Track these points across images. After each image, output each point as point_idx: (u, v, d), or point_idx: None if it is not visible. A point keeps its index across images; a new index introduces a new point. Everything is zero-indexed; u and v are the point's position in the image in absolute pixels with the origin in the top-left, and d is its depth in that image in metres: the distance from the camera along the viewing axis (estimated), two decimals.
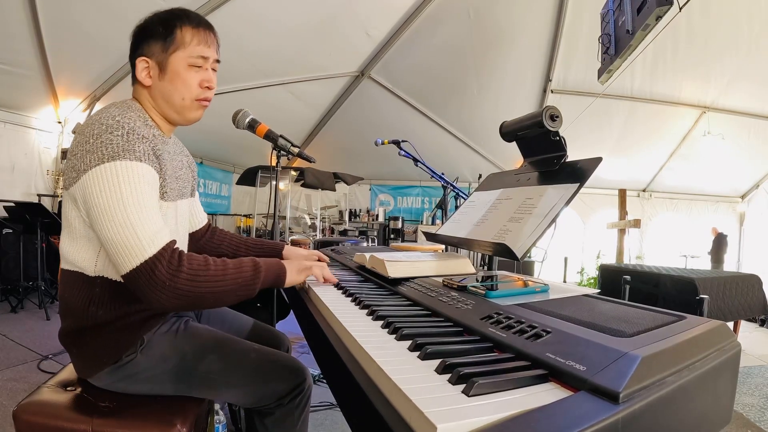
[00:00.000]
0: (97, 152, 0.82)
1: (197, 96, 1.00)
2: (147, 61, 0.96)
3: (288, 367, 1.06)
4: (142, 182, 0.83)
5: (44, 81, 4.63)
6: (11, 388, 2.22)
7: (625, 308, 0.70)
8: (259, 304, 2.01)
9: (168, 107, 1.00)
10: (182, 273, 0.81)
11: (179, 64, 0.96)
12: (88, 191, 0.82)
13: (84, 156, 0.83)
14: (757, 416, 2.32)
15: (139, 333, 0.95)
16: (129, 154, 0.83)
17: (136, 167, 0.84)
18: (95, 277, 0.91)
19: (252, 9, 4.60)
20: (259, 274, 0.93)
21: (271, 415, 1.05)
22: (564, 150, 0.92)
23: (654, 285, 2.91)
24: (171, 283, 0.80)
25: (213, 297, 0.86)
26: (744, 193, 8.28)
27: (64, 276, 0.94)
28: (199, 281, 0.83)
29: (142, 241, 0.79)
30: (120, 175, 0.81)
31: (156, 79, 0.97)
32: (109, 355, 0.93)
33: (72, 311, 0.94)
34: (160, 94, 0.98)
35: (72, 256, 0.92)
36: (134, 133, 0.86)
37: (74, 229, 0.90)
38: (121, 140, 0.84)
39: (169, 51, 0.96)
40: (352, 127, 7.52)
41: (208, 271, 0.85)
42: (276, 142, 1.61)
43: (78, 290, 0.92)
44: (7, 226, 4.29)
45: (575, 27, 5.34)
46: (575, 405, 0.41)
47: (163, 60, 0.96)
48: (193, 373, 0.98)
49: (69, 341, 0.96)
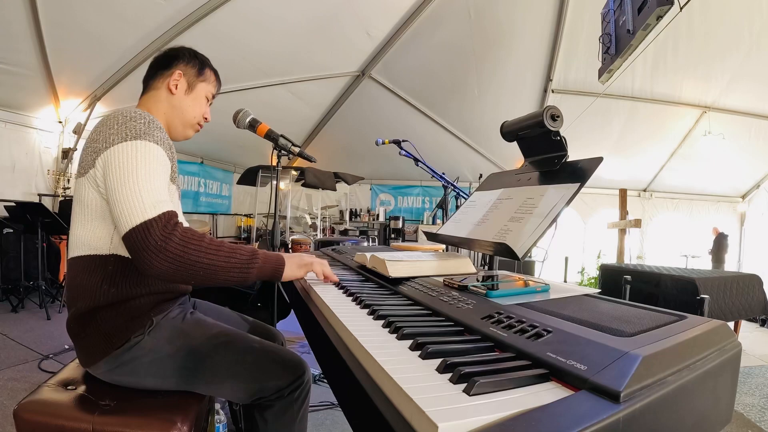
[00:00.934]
0: (121, 134, 0.93)
1: (199, 121, 1.23)
2: (181, 75, 1.16)
3: (288, 360, 1.09)
4: (156, 161, 0.93)
5: (45, 81, 4.63)
6: (12, 387, 2.22)
7: (625, 308, 0.70)
8: (260, 303, 2.02)
9: (179, 118, 1.18)
10: (174, 237, 0.85)
11: (201, 92, 1.20)
12: (110, 161, 0.91)
13: (108, 137, 0.93)
14: (757, 416, 2.31)
15: (149, 314, 1.00)
16: (149, 137, 0.94)
17: (154, 148, 0.94)
18: (109, 255, 0.97)
19: (253, 8, 4.60)
20: (255, 260, 0.95)
21: (271, 407, 1.06)
22: (565, 150, 0.92)
23: (655, 285, 2.91)
24: (162, 244, 0.83)
25: (204, 270, 0.88)
26: (744, 192, 8.27)
27: (74, 263, 0.99)
28: (190, 248, 0.86)
29: (145, 204, 0.86)
30: (139, 151, 0.91)
31: (182, 93, 1.17)
32: (119, 335, 0.96)
33: (83, 293, 0.97)
34: (179, 105, 1.17)
35: (87, 238, 0.97)
36: (154, 123, 0.98)
37: (90, 210, 0.96)
38: (143, 126, 0.95)
39: (200, 79, 1.20)
40: (353, 126, 7.52)
41: (202, 242, 0.88)
42: (277, 141, 1.61)
43: (91, 272, 0.97)
44: (8, 226, 4.30)
45: (576, 27, 5.33)
46: (576, 404, 0.41)
47: (193, 82, 1.19)
48: (196, 361, 1.00)
49: (78, 325, 0.98)
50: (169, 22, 4.39)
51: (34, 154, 5.02)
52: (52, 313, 3.75)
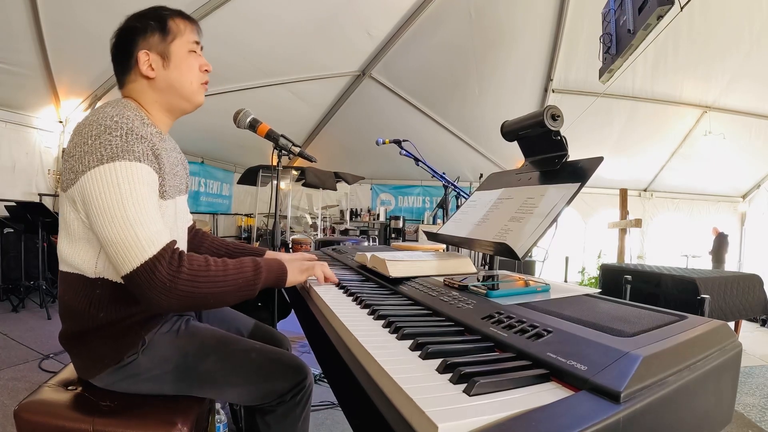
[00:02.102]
0: (96, 153, 0.81)
1: (201, 79, 1.04)
2: (147, 54, 0.97)
3: (289, 365, 1.07)
4: (141, 183, 0.83)
5: (45, 81, 4.63)
6: (12, 387, 2.22)
7: (626, 308, 0.70)
8: (260, 303, 2.01)
9: (176, 95, 1.01)
10: (182, 274, 0.81)
11: (181, 51, 1.00)
12: (87, 192, 0.81)
13: (82, 157, 0.82)
14: (758, 416, 2.31)
15: (140, 334, 0.95)
16: (128, 154, 0.83)
17: (136, 168, 0.83)
18: (96, 279, 0.91)
19: (253, 8, 4.60)
20: (260, 274, 0.93)
21: (273, 412, 1.05)
22: (565, 149, 0.92)
23: (655, 285, 2.91)
24: (171, 284, 0.79)
25: (214, 298, 0.86)
26: (745, 192, 8.27)
27: (63, 278, 0.94)
28: (200, 282, 0.83)
29: (142, 242, 0.79)
30: (119, 176, 0.81)
31: (161, 69, 0.98)
32: (111, 356, 0.93)
33: (72, 313, 0.93)
34: (166, 83, 0.99)
35: (71, 258, 0.91)
36: (133, 134, 0.85)
37: (73, 230, 0.89)
38: (120, 141, 0.83)
39: (168, 41, 0.98)
40: (353, 126, 7.52)
41: (209, 272, 0.85)
42: (277, 141, 1.61)
43: (78, 292, 0.91)
44: (9, 226, 4.30)
45: (576, 26, 5.33)
46: (576, 404, 0.41)
47: (164, 50, 0.98)
48: (195, 372, 0.98)
49: (70, 343, 0.96)
50: None
51: (35, 154, 5.02)
52: (53, 312, 3.75)
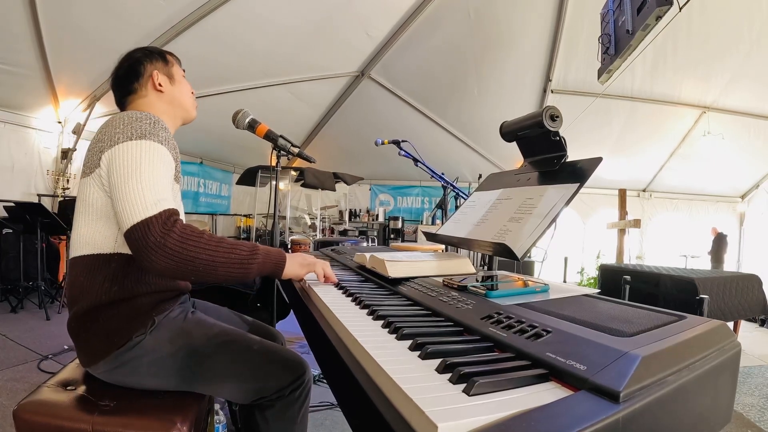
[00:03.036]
0: (126, 133, 0.95)
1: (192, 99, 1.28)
2: (158, 74, 1.18)
3: (288, 360, 1.09)
4: (160, 161, 0.95)
5: (44, 81, 4.62)
6: (11, 388, 2.22)
7: (625, 308, 0.70)
8: (259, 304, 2.01)
9: (180, 108, 1.23)
10: (173, 233, 0.86)
11: (178, 75, 1.25)
12: (114, 158, 0.92)
13: (113, 136, 0.95)
14: (757, 416, 2.32)
15: (150, 314, 1.00)
16: (153, 136, 0.96)
17: (158, 148, 0.96)
18: (112, 254, 0.98)
19: (252, 9, 4.60)
20: (256, 256, 0.95)
21: (272, 407, 1.06)
22: (564, 150, 0.92)
23: (654, 285, 2.91)
24: (161, 240, 0.84)
25: (204, 265, 0.88)
26: (744, 193, 8.28)
27: (77, 263, 0.99)
28: (189, 244, 0.87)
29: (147, 202, 0.87)
30: (143, 150, 0.93)
31: (168, 86, 1.20)
32: (121, 334, 0.96)
33: (85, 292, 0.97)
34: (173, 97, 1.21)
35: (90, 237, 0.98)
36: (159, 123, 1.00)
37: (95, 209, 0.98)
38: (148, 126, 0.97)
39: (169, 66, 1.23)
40: (352, 127, 7.52)
41: (201, 239, 0.89)
42: (276, 142, 1.61)
43: (93, 270, 0.97)
44: (7, 226, 4.29)
45: (575, 27, 5.33)
46: (576, 404, 0.41)
47: (168, 72, 1.22)
48: (196, 360, 1.00)
49: (79, 324, 0.98)
50: (169, 22, 4.39)
51: (34, 155, 5.01)
52: (52, 313, 3.74)
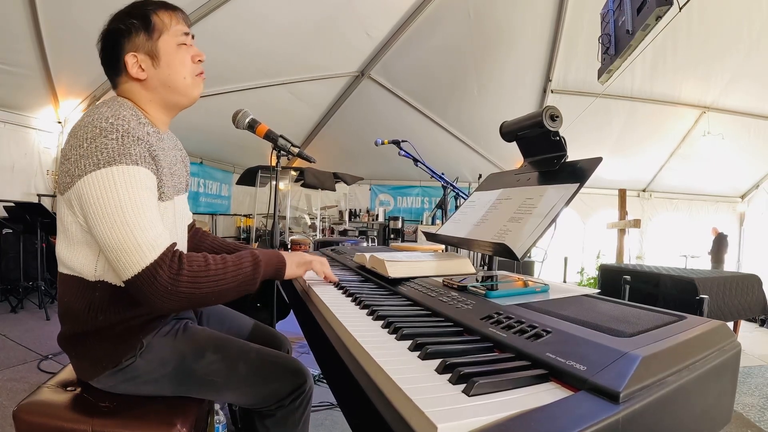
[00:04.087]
0: (92, 157, 0.80)
1: (195, 71, 1.02)
2: (135, 56, 0.94)
3: (289, 368, 1.06)
4: (139, 186, 0.82)
5: (44, 81, 4.62)
6: (11, 388, 2.22)
7: (625, 308, 0.70)
8: (259, 304, 2.01)
9: (171, 92, 0.99)
10: (183, 276, 0.81)
11: (169, 47, 0.97)
12: (85, 197, 0.80)
13: (78, 161, 0.81)
14: (757, 416, 2.32)
15: (138, 337, 0.94)
16: (125, 158, 0.82)
17: (134, 171, 0.82)
18: (95, 282, 0.90)
19: (252, 9, 4.60)
20: (259, 267, 0.93)
21: (272, 416, 1.04)
22: (564, 150, 0.92)
23: (654, 285, 2.91)
24: (173, 288, 0.80)
25: (215, 296, 0.87)
26: (744, 193, 8.28)
27: (62, 279, 0.93)
28: (201, 282, 0.83)
29: (142, 247, 0.79)
30: (117, 181, 0.80)
31: (151, 69, 0.96)
32: (109, 359, 0.93)
33: (71, 316, 0.93)
34: (159, 82, 0.97)
35: (70, 261, 0.90)
36: (129, 136, 0.84)
37: (71, 233, 0.89)
38: (116, 144, 0.82)
39: (155, 38, 0.95)
40: (352, 127, 7.52)
41: (209, 271, 0.85)
42: (276, 142, 1.61)
43: (77, 295, 0.91)
44: (7, 226, 4.29)
45: (575, 27, 5.33)
46: (575, 405, 0.41)
47: (152, 48, 0.95)
48: (193, 375, 0.98)
49: (69, 345, 0.96)
50: None
51: (33, 155, 5.01)
52: (52, 313, 3.74)
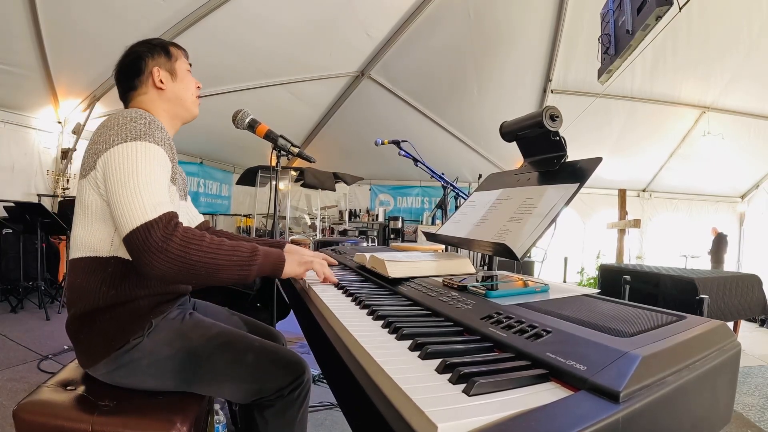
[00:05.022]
0: (121, 135, 0.93)
1: (196, 94, 1.25)
2: (159, 70, 1.15)
3: (288, 360, 1.09)
4: (156, 162, 0.93)
5: (44, 81, 4.62)
6: (11, 388, 2.22)
7: (625, 308, 0.70)
8: (259, 304, 2.01)
9: (180, 106, 1.19)
10: (175, 237, 0.85)
11: (182, 70, 1.21)
12: (109, 162, 0.91)
13: (108, 139, 0.93)
14: (757, 416, 2.32)
15: (148, 317, 1.00)
16: (149, 137, 0.94)
17: (154, 149, 0.94)
18: (109, 258, 0.97)
19: (252, 9, 4.60)
20: (256, 257, 0.95)
21: (271, 407, 1.06)
22: (564, 150, 0.92)
23: (654, 285, 2.91)
24: (163, 245, 0.84)
25: (205, 269, 0.88)
26: (744, 193, 8.28)
27: (75, 265, 0.99)
28: (191, 248, 0.87)
29: (145, 206, 0.86)
30: (138, 152, 0.92)
31: (170, 83, 1.17)
32: (119, 337, 0.96)
33: (83, 294, 0.97)
34: (174, 94, 1.17)
35: (87, 240, 0.98)
36: (155, 123, 0.98)
37: (91, 212, 0.97)
38: (143, 127, 0.95)
39: (173, 61, 1.19)
40: (352, 127, 7.52)
41: (203, 242, 0.89)
42: (276, 142, 1.61)
43: (91, 273, 0.97)
44: (7, 226, 4.29)
45: (575, 27, 5.33)
46: (575, 404, 0.41)
47: (171, 68, 1.18)
48: (195, 362, 1.00)
49: (77, 326, 0.98)
50: (169, 22, 4.38)
51: (34, 155, 5.01)
52: (52, 313, 3.74)
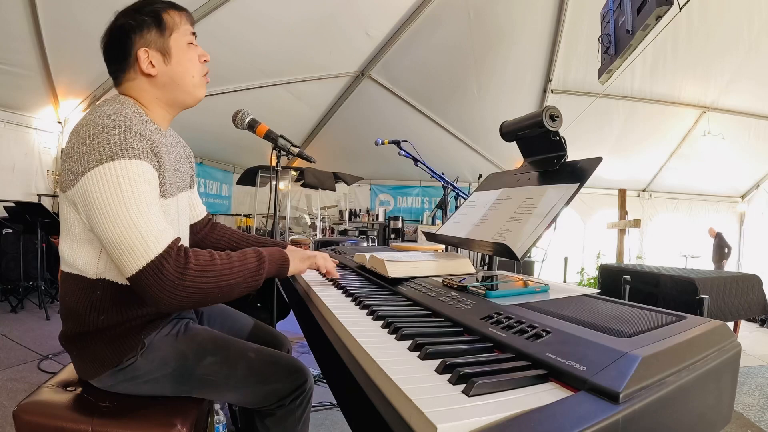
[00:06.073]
0: (95, 153, 0.80)
1: (202, 71, 1.03)
2: (147, 51, 0.94)
3: (289, 367, 1.06)
4: (142, 181, 0.82)
5: (44, 81, 4.63)
6: (11, 388, 2.22)
7: (625, 308, 0.70)
8: (259, 304, 2.01)
9: (178, 90, 0.99)
10: (190, 270, 0.80)
11: (180, 45, 0.98)
12: (88, 193, 0.79)
13: (81, 158, 0.81)
14: (757, 416, 2.32)
15: (139, 337, 0.94)
16: (127, 152, 0.81)
17: (136, 166, 0.82)
18: (97, 280, 0.90)
19: (252, 9, 4.60)
20: (264, 264, 0.93)
21: (272, 415, 1.04)
22: (564, 150, 0.92)
23: (654, 285, 2.91)
24: (180, 282, 0.79)
25: (221, 291, 0.86)
26: (744, 193, 8.28)
27: (64, 278, 0.93)
28: (207, 277, 0.82)
29: (147, 241, 0.78)
30: (120, 175, 0.79)
31: (162, 65, 0.96)
32: (110, 359, 0.93)
33: (73, 315, 0.93)
34: (169, 79, 0.97)
35: (72, 259, 0.90)
36: (131, 131, 0.83)
37: (74, 231, 0.88)
38: (118, 139, 0.81)
39: (167, 35, 0.96)
40: (352, 127, 7.52)
41: (215, 266, 0.85)
42: (276, 142, 1.61)
43: (79, 294, 0.91)
44: (7, 226, 4.29)
45: (575, 27, 5.34)
46: (575, 405, 0.41)
47: (164, 45, 0.96)
48: (194, 375, 0.98)
49: (70, 344, 0.96)
50: None
51: (34, 155, 5.01)
52: (52, 313, 3.74)
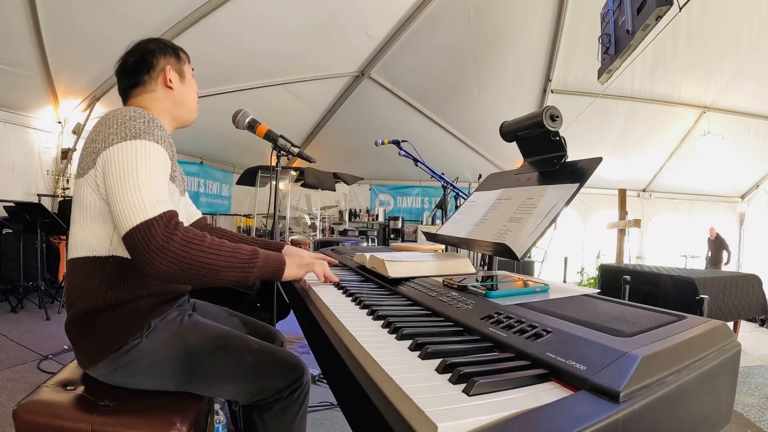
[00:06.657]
0: (120, 133, 0.92)
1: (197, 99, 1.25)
2: (171, 69, 1.14)
3: (286, 362, 1.09)
4: (156, 161, 0.93)
5: (44, 81, 4.63)
6: (11, 388, 2.22)
7: (625, 308, 0.70)
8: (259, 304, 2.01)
9: (184, 108, 1.19)
10: (176, 236, 0.85)
11: (189, 74, 1.21)
12: (109, 160, 0.90)
13: (106, 138, 0.93)
14: (757, 416, 2.32)
15: (147, 318, 0.99)
16: (149, 135, 0.94)
17: (153, 147, 0.94)
18: (108, 257, 0.96)
19: (252, 9, 4.60)
20: (256, 260, 0.95)
21: (270, 409, 1.06)
22: (564, 150, 0.92)
23: (654, 285, 2.91)
24: (164, 244, 0.83)
25: (205, 269, 0.88)
26: (744, 193, 8.28)
27: (74, 265, 0.98)
28: (192, 248, 0.87)
29: (145, 204, 0.86)
30: (138, 151, 0.91)
31: (178, 84, 1.16)
32: (117, 338, 0.95)
33: (82, 295, 0.96)
34: (180, 96, 1.17)
35: (86, 239, 0.97)
36: (154, 122, 0.97)
37: (89, 211, 0.96)
38: (143, 125, 0.94)
39: (181, 64, 1.19)
40: (352, 127, 7.52)
41: (203, 242, 0.89)
42: (276, 142, 1.61)
43: (89, 273, 0.96)
44: (7, 226, 4.29)
45: (575, 27, 5.34)
46: (575, 404, 0.41)
47: (180, 69, 1.18)
48: (194, 363, 1.00)
49: (76, 327, 0.98)
50: (169, 22, 4.38)
51: (34, 155, 5.01)
52: (52, 313, 3.74)
